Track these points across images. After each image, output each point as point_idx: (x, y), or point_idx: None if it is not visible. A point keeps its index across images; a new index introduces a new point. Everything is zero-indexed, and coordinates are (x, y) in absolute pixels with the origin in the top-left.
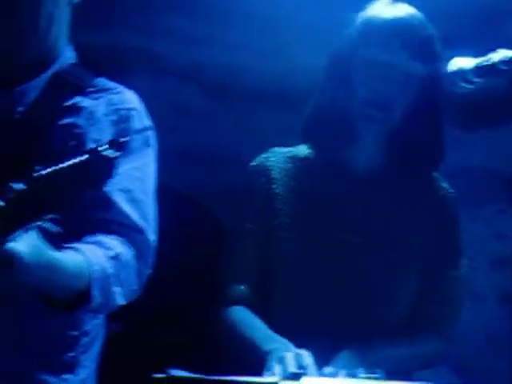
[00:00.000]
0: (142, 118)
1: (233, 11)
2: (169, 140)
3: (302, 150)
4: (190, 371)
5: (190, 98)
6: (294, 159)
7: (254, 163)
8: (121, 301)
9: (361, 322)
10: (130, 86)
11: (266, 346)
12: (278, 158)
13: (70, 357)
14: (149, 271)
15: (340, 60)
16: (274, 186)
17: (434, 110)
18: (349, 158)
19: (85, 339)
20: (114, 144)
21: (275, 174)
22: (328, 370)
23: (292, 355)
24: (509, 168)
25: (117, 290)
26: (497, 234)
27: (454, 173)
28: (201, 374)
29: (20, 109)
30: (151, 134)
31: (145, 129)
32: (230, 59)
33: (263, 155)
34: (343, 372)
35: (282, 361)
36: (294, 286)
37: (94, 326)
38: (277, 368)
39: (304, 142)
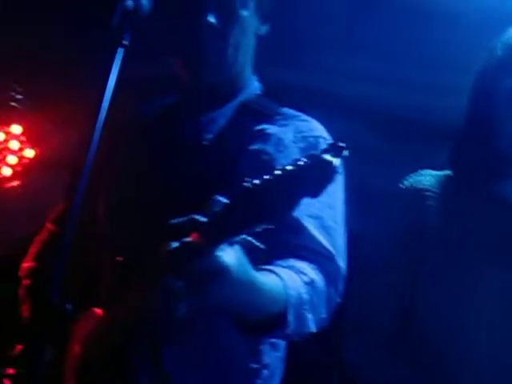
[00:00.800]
0: None
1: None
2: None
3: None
4: None
5: (365, 137)
6: (444, 183)
7: (402, 185)
8: (313, 328)
9: None
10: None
11: None
12: (424, 180)
13: None
14: (338, 299)
15: (482, 92)
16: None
17: None
18: (502, 193)
19: (265, 372)
20: (333, 148)
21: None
22: None
23: None
24: None
25: (310, 316)
26: None
27: None
28: None
29: (209, 136)
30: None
31: None
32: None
33: (412, 176)
34: None
35: None
36: None
37: (274, 359)
38: None
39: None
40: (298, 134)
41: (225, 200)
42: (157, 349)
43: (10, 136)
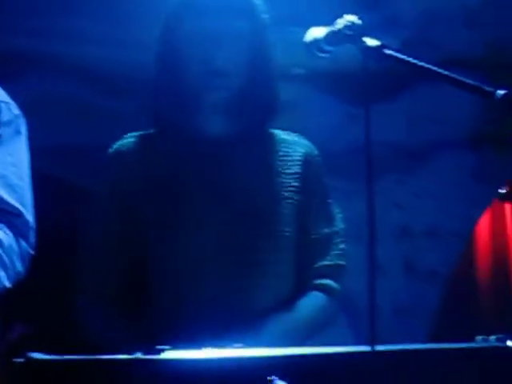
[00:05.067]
0: (10, 109)
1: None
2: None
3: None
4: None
5: (82, 95)
6: (145, 140)
7: (109, 150)
8: (6, 283)
9: (253, 296)
10: (22, 88)
11: None
12: (129, 142)
13: None
14: (31, 252)
15: (167, 35)
16: (130, 170)
17: (266, 68)
18: (197, 128)
19: None
20: None
21: (129, 158)
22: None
23: None
24: (402, 138)
25: (1, 274)
26: (396, 204)
27: (355, 148)
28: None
29: None
30: (21, 122)
31: (14, 118)
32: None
33: (118, 142)
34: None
35: None
36: (175, 272)
37: None
38: None
39: (154, 123)
40: None
41: None
42: None
43: None
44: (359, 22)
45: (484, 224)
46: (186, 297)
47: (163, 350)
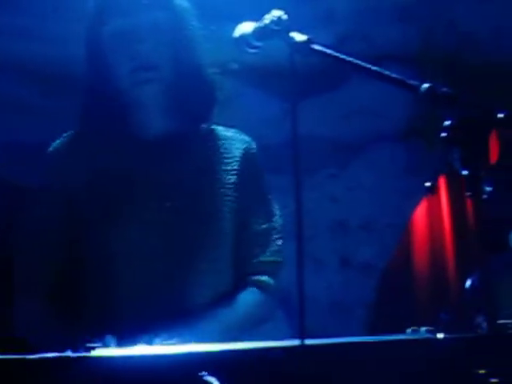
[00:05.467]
0: None
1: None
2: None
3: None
4: None
5: (21, 93)
6: (83, 139)
7: (49, 149)
8: None
9: (192, 292)
10: None
11: None
12: (68, 140)
13: None
14: None
15: (92, 38)
16: (69, 168)
17: (191, 59)
18: (136, 126)
19: None
20: None
21: (68, 157)
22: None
23: None
24: (334, 134)
25: None
26: (331, 198)
27: (286, 142)
28: None
29: None
30: None
31: None
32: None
33: (57, 141)
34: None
35: None
36: (111, 266)
37: None
38: None
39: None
40: None
41: None
42: None
43: None
44: (285, 16)
45: (421, 215)
46: (123, 294)
47: (93, 348)
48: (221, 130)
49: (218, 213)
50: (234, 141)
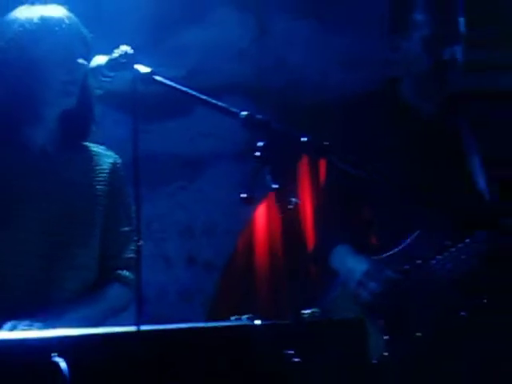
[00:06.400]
0: None
1: None
2: None
3: None
4: None
5: None
6: None
7: None
8: None
9: (64, 285)
10: None
11: None
12: None
13: None
14: None
15: (25, 55)
16: None
17: (85, 94)
18: (27, 137)
19: None
20: None
21: None
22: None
23: None
24: (185, 152)
25: None
26: (181, 206)
27: (148, 158)
28: None
29: None
30: None
31: None
32: None
33: None
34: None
35: None
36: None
37: None
38: None
39: None
40: None
41: None
42: None
43: None
44: (132, 51)
45: (261, 214)
46: (4, 285)
47: None
48: (93, 146)
49: (90, 218)
50: (104, 156)
